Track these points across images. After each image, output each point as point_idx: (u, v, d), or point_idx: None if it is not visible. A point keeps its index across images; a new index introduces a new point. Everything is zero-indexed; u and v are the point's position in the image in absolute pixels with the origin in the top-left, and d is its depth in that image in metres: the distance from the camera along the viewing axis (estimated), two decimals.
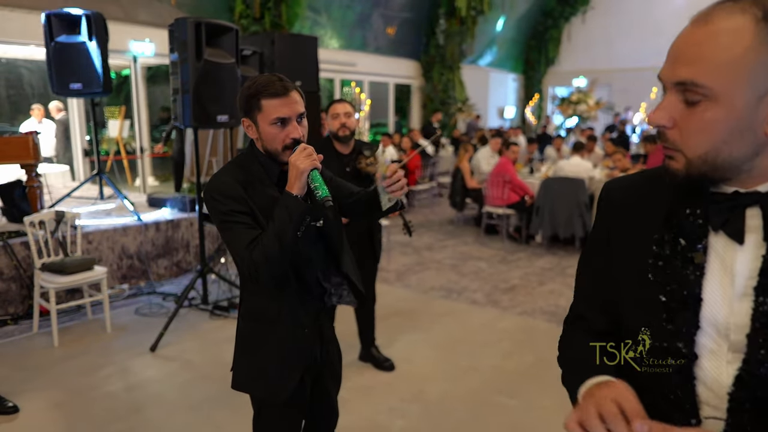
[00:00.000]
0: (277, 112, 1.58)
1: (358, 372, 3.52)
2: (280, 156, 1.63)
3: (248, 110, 1.61)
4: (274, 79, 1.60)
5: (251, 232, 1.56)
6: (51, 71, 5.12)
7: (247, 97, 1.60)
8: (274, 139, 1.60)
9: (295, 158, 1.54)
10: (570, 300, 4.11)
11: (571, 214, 6.21)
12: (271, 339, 1.69)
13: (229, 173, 1.63)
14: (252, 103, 1.59)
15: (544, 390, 3.30)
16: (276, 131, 1.59)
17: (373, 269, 3.48)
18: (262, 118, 1.60)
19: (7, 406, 3.05)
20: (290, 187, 1.54)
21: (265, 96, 1.57)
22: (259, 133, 1.63)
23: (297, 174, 1.53)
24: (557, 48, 17.51)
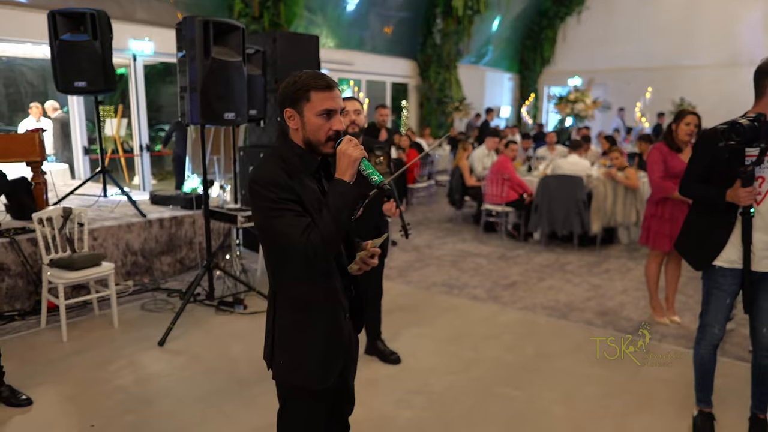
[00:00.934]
0: (325, 104, 1.66)
1: (365, 365, 3.56)
2: (322, 146, 1.69)
3: (295, 100, 1.67)
4: (321, 74, 1.68)
5: (303, 219, 1.60)
6: (55, 69, 5.15)
7: (297, 87, 1.67)
8: (319, 130, 1.67)
9: (346, 148, 1.62)
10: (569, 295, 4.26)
11: (569, 212, 6.30)
12: (317, 326, 1.73)
13: (273, 164, 1.67)
14: (300, 94, 1.66)
15: (545, 381, 3.38)
16: (321, 122, 1.67)
17: (380, 265, 3.55)
18: (309, 108, 1.66)
19: (20, 398, 3.10)
20: (342, 174, 1.61)
21: (315, 88, 1.66)
22: (303, 124, 1.68)
23: (350, 162, 1.61)
24: (552, 48, 17.62)
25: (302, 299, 1.73)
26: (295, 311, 1.74)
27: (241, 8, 9.48)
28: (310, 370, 1.74)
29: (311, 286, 1.72)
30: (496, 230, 7.37)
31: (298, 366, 1.75)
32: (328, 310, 1.74)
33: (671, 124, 4.05)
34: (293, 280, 1.73)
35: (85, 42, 5.10)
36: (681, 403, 3.12)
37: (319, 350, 1.74)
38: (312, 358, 1.74)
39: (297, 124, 1.70)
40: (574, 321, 4.34)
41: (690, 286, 5.12)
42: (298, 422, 1.84)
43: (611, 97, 14.06)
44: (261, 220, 1.67)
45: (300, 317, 1.74)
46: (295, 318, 1.74)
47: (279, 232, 1.62)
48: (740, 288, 2.63)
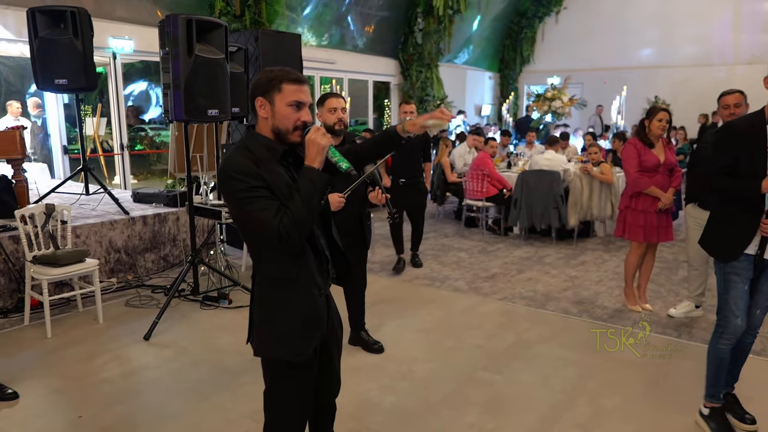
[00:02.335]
0: (296, 96, 1.79)
1: (349, 354, 3.65)
2: (290, 135, 1.81)
3: (267, 90, 1.79)
4: (293, 70, 1.83)
5: (274, 203, 1.71)
6: (35, 67, 5.14)
7: (270, 78, 1.79)
8: (288, 119, 1.79)
9: (314, 137, 1.74)
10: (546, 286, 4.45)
11: (547, 207, 6.45)
12: (292, 301, 1.84)
13: (240, 154, 1.77)
14: (273, 84, 1.78)
15: (524, 366, 3.50)
16: (290, 112, 1.79)
17: (363, 255, 3.64)
18: (280, 98, 1.78)
19: (6, 392, 3.13)
20: (311, 161, 1.73)
21: (287, 81, 1.79)
22: (272, 113, 1.79)
23: (318, 150, 1.73)
24: (532, 47, 17.85)
25: (279, 278, 1.84)
26: (273, 289, 1.85)
27: (222, 6, 9.48)
28: (290, 343, 1.84)
29: (286, 266, 1.82)
30: (477, 225, 7.50)
31: (279, 340, 1.85)
32: (303, 287, 1.84)
33: (643, 121, 4.19)
34: (270, 261, 1.84)
35: (66, 39, 5.10)
36: (650, 383, 3.27)
37: (297, 324, 1.84)
38: (291, 331, 1.84)
39: (267, 113, 1.80)
40: (551, 310, 4.47)
41: (662, 276, 5.30)
42: (287, 396, 1.92)
43: (588, 96, 14.29)
44: (234, 208, 1.78)
45: (278, 294, 1.84)
46: (273, 295, 1.85)
47: (253, 218, 1.72)
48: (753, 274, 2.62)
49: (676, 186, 4.21)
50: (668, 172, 4.18)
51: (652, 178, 4.09)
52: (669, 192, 4.15)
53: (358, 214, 3.47)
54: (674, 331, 4.04)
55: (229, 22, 9.54)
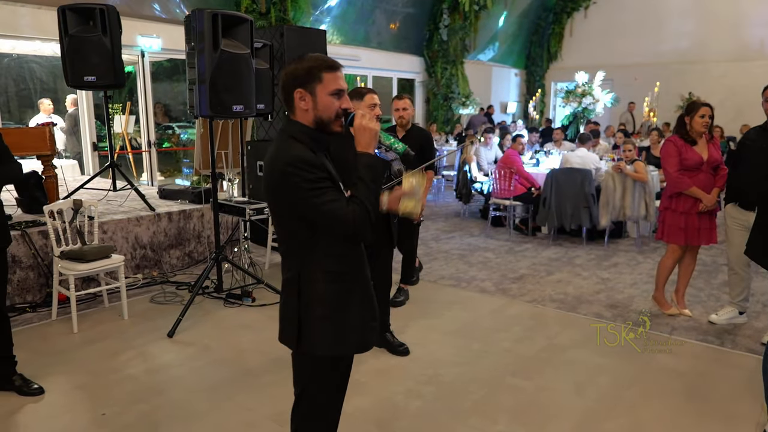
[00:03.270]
0: (337, 84, 1.73)
1: (374, 356, 3.58)
2: (332, 124, 1.75)
3: (307, 81, 1.71)
4: (329, 57, 1.77)
5: (342, 195, 1.69)
6: (65, 64, 5.18)
7: (309, 68, 1.72)
8: (330, 108, 1.73)
9: (365, 123, 1.69)
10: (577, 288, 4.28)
11: (578, 206, 6.27)
12: (357, 294, 1.81)
13: (293, 145, 1.70)
14: (313, 74, 1.71)
15: (556, 373, 3.37)
16: (332, 101, 1.73)
17: (390, 256, 3.55)
18: (321, 88, 1.72)
19: (32, 387, 3.13)
20: (365, 148, 1.70)
21: (326, 69, 1.72)
22: (314, 103, 1.72)
23: (372, 135, 1.70)
24: (559, 43, 17.54)
25: (337, 272, 1.78)
26: (330, 284, 1.77)
27: (248, 4, 9.50)
28: (352, 338, 1.81)
29: (345, 258, 1.79)
30: (503, 224, 7.35)
31: (346, 336, 1.80)
32: (361, 279, 1.83)
33: (683, 117, 4.01)
34: (330, 256, 1.76)
35: (95, 37, 5.12)
36: (691, 394, 3.11)
37: (357, 318, 1.81)
38: (353, 326, 1.80)
39: (308, 105, 1.73)
40: (583, 314, 4.33)
41: (700, 279, 5.09)
42: (328, 394, 1.90)
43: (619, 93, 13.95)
44: (299, 199, 1.66)
45: (342, 288, 1.79)
46: (336, 290, 1.78)
47: (325, 211, 1.65)
48: None
49: (720, 186, 3.97)
50: (711, 171, 3.97)
51: (694, 177, 3.90)
52: (713, 192, 3.92)
53: (386, 213, 3.37)
54: (716, 338, 3.85)
55: (255, 19, 9.54)
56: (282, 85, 1.76)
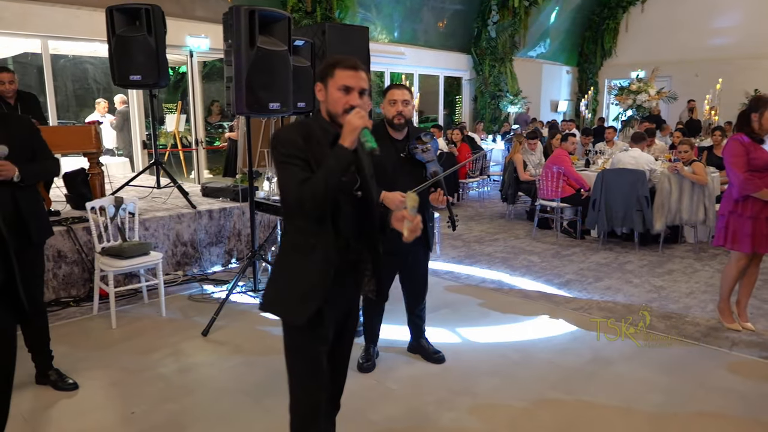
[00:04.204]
0: (345, 81, 1.88)
1: (407, 362, 3.46)
2: (339, 118, 1.88)
3: (323, 76, 1.92)
4: (351, 57, 1.93)
5: (304, 173, 1.82)
6: (113, 63, 5.28)
7: (326, 65, 1.93)
8: (337, 102, 1.89)
9: (352, 117, 1.82)
10: (628, 296, 4.01)
11: (630, 209, 5.94)
12: (301, 267, 1.92)
13: (292, 128, 1.92)
14: (328, 70, 1.91)
15: (602, 388, 3.15)
16: (340, 96, 1.88)
17: (425, 259, 3.41)
18: (332, 83, 1.89)
19: (67, 383, 3.16)
20: (343, 140, 1.82)
21: (339, 67, 1.90)
22: (326, 96, 1.91)
23: (351, 129, 1.81)
24: (614, 39, 16.88)
25: (297, 244, 1.94)
26: (289, 254, 1.97)
27: (294, 3, 9.53)
28: (287, 304, 1.94)
29: (306, 236, 1.92)
30: (550, 227, 7.07)
31: (278, 299, 1.98)
32: (317, 257, 1.89)
33: (749, 113, 3.68)
34: (294, 231, 1.96)
35: (140, 36, 5.20)
36: (751, 414, 2.83)
37: (298, 288, 1.92)
38: (291, 293, 1.93)
39: (323, 97, 1.93)
40: (633, 324, 4.06)
41: (764, 290, 4.71)
42: (294, 354, 2.01)
43: (677, 90, 13.28)
44: (276, 173, 1.91)
45: (291, 259, 1.96)
46: (287, 259, 1.98)
47: (282, 183, 1.86)
48: None
49: None
50: None
51: (763, 179, 3.57)
52: None
53: (421, 216, 3.23)
54: None
55: (301, 18, 9.58)
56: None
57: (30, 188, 2.89)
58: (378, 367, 3.38)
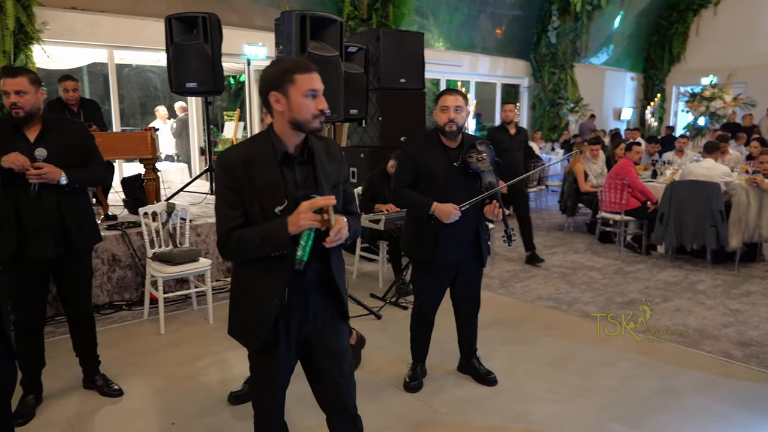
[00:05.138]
0: (310, 84, 1.75)
1: (457, 384, 3.27)
2: (309, 124, 1.77)
3: (280, 83, 1.75)
4: (301, 59, 1.85)
5: (233, 212, 1.79)
6: (170, 71, 5.38)
7: (281, 71, 1.76)
8: (305, 109, 1.75)
9: (303, 218, 1.68)
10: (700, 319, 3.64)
11: (702, 223, 5.51)
12: (250, 293, 1.91)
13: (237, 148, 1.84)
14: (285, 77, 1.75)
15: (671, 421, 2.86)
16: (307, 102, 1.75)
17: (478, 274, 3.21)
18: (294, 90, 1.74)
19: (113, 389, 3.16)
20: (292, 225, 1.70)
21: (298, 71, 1.75)
22: (288, 105, 1.75)
23: (298, 227, 1.70)
24: (683, 44, 16.03)
25: (238, 271, 1.96)
26: (240, 278, 1.96)
27: (350, 11, 9.53)
28: (244, 330, 1.97)
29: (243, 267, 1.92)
30: (613, 241, 6.68)
31: (237, 326, 2.01)
32: (254, 291, 1.89)
33: None
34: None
35: (197, 44, 5.27)
36: None
37: (251, 315, 1.91)
38: (246, 320, 1.94)
39: (283, 107, 1.76)
40: (707, 351, 3.70)
41: None
42: (254, 374, 2.06)
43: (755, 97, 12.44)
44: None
45: (242, 283, 1.95)
46: (239, 284, 1.97)
47: (215, 213, 1.85)
48: None
49: None
50: None
51: None
52: None
53: (475, 228, 3.05)
54: None
55: (357, 26, 9.55)
56: (260, 91, 1.81)
57: (77, 193, 2.89)
58: (425, 387, 3.20)
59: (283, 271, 1.82)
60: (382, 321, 4.26)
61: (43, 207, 2.75)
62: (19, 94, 2.66)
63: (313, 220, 1.69)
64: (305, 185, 1.83)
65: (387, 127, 6.05)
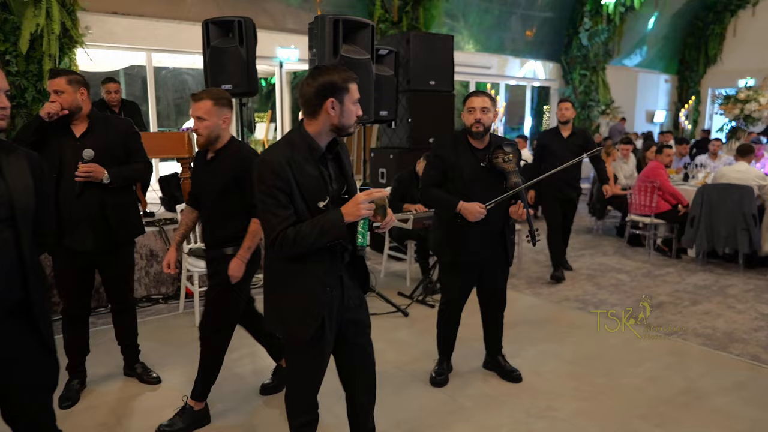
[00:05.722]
0: (358, 94, 1.99)
1: (483, 379, 3.33)
2: (351, 128, 1.98)
3: (338, 91, 1.93)
4: (345, 69, 1.99)
5: (285, 212, 1.88)
6: (206, 74, 5.55)
7: (341, 80, 1.94)
8: (352, 116, 1.97)
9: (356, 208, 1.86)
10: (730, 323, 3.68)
11: (735, 227, 5.44)
12: (293, 290, 1.99)
13: (280, 150, 1.94)
14: (343, 86, 1.93)
15: (696, 422, 2.87)
16: (356, 108, 1.98)
17: (504, 273, 3.27)
18: (349, 98, 1.95)
19: (152, 376, 3.32)
20: (347, 214, 1.87)
21: (350, 81, 1.97)
22: (341, 111, 1.94)
23: (357, 215, 1.87)
24: (720, 45, 15.71)
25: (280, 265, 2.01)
26: (281, 275, 2.03)
27: (381, 13, 9.64)
28: (289, 323, 2.03)
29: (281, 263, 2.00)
30: (642, 244, 6.63)
31: (279, 318, 2.06)
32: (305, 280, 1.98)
33: None
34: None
35: (233, 47, 5.43)
36: None
37: (297, 307, 1.99)
38: (292, 312, 2.01)
39: (337, 113, 1.93)
40: (735, 354, 3.68)
41: None
42: (295, 371, 2.14)
43: None
44: (256, 196, 1.94)
45: (284, 280, 2.01)
46: (280, 278, 2.03)
47: (264, 215, 1.92)
48: None
49: None
50: None
51: None
52: None
53: (501, 227, 3.11)
54: None
55: (387, 28, 9.67)
56: (314, 94, 1.93)
57: (120, 190, 3.04)
58: (451, 382, 3.28)
59: (331, 260, 1.98)
60: (409, 318, 4.34)
61: (85, 202, 2.91)
62: (57, 93, 2.84)
63: (369, 209, 1.87)
64: (336, 180, 2.02)
65: (416, 128, 6.13)
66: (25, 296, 1.79)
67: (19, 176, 1.76)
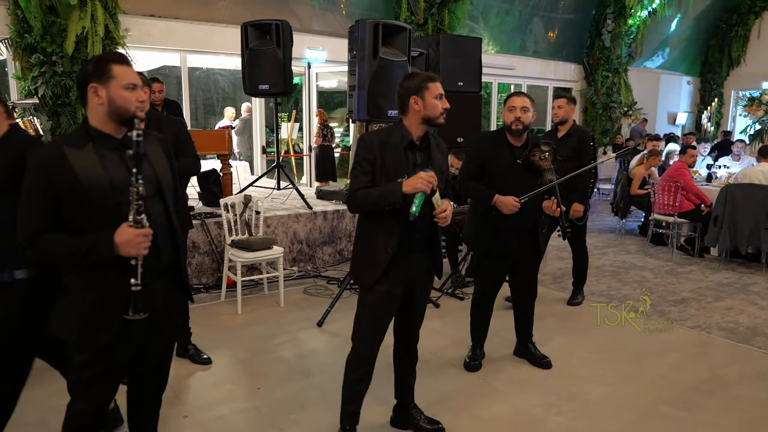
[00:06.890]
0: (438, 90, 2.37)
1: (514, 365, 3.51)
2: (437, 119, 2.38)
3: (418, 90, 2.35)
4: (431, 73, 2.47)
5: (365, 178, 2.34)
6: (245, 75, 5.80)
7: (420, 81, 2.36)
8: (436, 108, 2.36)
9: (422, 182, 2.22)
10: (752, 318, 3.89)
11: (758, 227, 5.54)
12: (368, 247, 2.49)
13: (377, 134, 2.42)
14: (422, 85, 2.35)
15: (719, 406, 3.02)
16: (437, 102, 2.36)
17: (536, 264, 3.45)
18: (429, 94, 2.35)
19: (203, 357, 3.55)
20: (407, 185, 2.24)
21: (430, 81, 2.37)
22: (424, 105, 2.35)
23: (415, 188, 2.23)
24: (744, 47, 15.61)
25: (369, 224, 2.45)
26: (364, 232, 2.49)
27: (406, 15, 9.84)
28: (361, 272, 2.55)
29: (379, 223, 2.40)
30: (665, 243, 6.74)
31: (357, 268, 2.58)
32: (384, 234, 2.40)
33: None
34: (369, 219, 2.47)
35: (270, 49, 5.67)
36: None
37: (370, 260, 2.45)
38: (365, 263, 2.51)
39: (420, 107, 2.35)
40: (758, 347, 3.82)
41: None
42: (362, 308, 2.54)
43: None
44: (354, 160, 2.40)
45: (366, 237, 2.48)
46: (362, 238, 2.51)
47: (350, 175, 2.40)
48: None
49: None
50: None
51: None
52: None
53: (533, 220, 3.29)
54: None
55: (413, 30, 9.85)
56: (401, 95, 2.39)
57: None
58: (484, 367, 3.46)
59: (396, 228, 2.35)
60: (440, 310, 4.53)
61: None
62: None
63: (425, 185, 2.21)
64: (421, 166, 2.38)
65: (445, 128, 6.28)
66: (176, 257, 2.05)
67: (158, 158, 1.98)
